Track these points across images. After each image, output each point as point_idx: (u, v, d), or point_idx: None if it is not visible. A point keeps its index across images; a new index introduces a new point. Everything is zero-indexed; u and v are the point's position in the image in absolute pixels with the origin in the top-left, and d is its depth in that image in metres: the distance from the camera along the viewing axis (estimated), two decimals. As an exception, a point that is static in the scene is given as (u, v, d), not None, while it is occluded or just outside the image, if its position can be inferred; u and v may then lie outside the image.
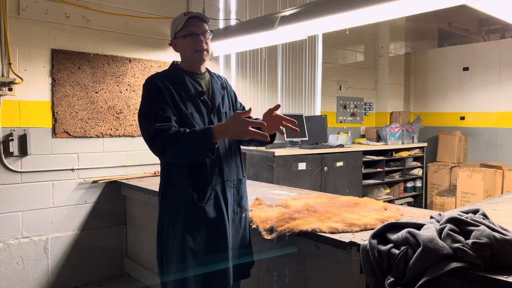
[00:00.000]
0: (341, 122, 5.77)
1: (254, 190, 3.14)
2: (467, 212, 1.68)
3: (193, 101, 1.95)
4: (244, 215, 2.07)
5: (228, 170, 1.99)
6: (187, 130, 1.79)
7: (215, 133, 1.76)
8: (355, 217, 2.14)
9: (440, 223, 1.62)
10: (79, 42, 3.49)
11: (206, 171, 1.91)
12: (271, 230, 2.08)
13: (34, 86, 3.29)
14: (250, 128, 1.74)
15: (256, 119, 1.88)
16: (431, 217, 1.81)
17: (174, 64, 2.08)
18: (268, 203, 2.50)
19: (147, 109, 1.89)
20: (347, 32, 2.97)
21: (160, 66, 3.94)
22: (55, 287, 3.43)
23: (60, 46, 3.40)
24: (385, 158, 5.41)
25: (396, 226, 1.69)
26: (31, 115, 3.28)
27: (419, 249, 1.49)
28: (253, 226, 2.16)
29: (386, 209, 2.38)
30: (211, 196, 1.91)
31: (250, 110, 1.81)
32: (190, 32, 1.95)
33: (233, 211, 2.00)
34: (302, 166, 4.35)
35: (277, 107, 1.98)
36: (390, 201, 5.55)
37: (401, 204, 5.70)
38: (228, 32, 3.52)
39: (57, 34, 3.38)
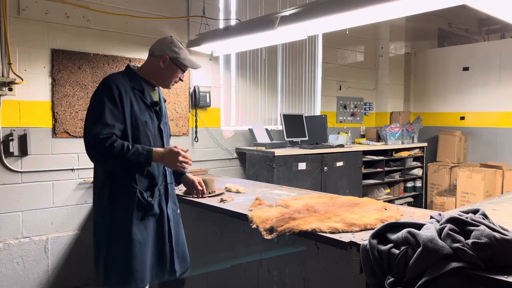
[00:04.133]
0: (341, 122, 5.77)
1: (254, 190, 3.14)
2: (467, 212, 1.68)
3: (149, 110, 2.16)
4: (178, 211, 2.35)
5: (169, 174, 2.30)
6: (129, 146, 2.00)
7: (153, 156, 2.04)
8: (355, 217, 2.14)
9: (440, 223, 1.63)
10: (79, 42, 3.49)
11: (154, 173, 2.16)
12: (271, 230, 2.08)
13: (34, 86, 3.29)
14: (178, 165, 2.09)
15: (187, 150, 2.17)
16: (431, 217, 1.81)
17: (131, 69, 2.22)
18: (268, 203, 2.50)
19: (98, 114, 2.00)
20: (347, 33, 2.96)
21: (160, 66, 3.93)
22: (55, 287, 3.44)
23: (60, 46, 3.40)
24: (385, 158, 5.41)
25: (396, 226, 1.69)
26: (31, 115, 3.28)
27: (419, 249, 1.49)
28: (252, 226, 2.16)
29: (386, 209, 2.38)
30: (157, 195, 2.17)
31: (187, 150, 2.16)
32: (183, 70, 2.24)
33: (172, 209, 2.27)
34: (302, 166, 4.35)
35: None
36: (390, 201, 5.55)
37: (401, 204, 5.71)
38: (228, 32, 3.52)
39: (57, 34, 3.38)
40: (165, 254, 2.20)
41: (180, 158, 2.07)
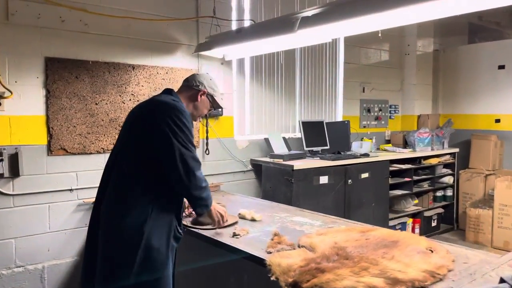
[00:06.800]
0: (364, 127, 5.33)
1: (272, 216, 2.75)
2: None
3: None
4: None
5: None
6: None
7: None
8: (398, 268, 1.74)
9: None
10: (76, 49, 3.15)
11: (182, 205, 2.14)
12: (294, 286, 1.69)
13: (26, 99, 2.96)
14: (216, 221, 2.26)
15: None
16: (503, 280, 1.40)
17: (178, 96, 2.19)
18: (289, 242, 2.11)
19: (189, 141, 1.99)
20: (380, 35, 2.54)
21: (167, 73, 3.57)
22: (53, 319, 3.13)
23: (55, 54, 3.06)
24: (413, 166, 4.96)
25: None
26: (23, 132, 2.96)
27: None
28: (271, 278, 1.78)
29: (432, 251, 1.98)
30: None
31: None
32: (215, 108, 2.36)
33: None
34: (324, 179, 3.95)
35: None
36: (419, 213, 5.12)
37: (431, 216, 5.25)
38: (241, 35, 3.12)
39: (51, 40, 3.04)
40: None
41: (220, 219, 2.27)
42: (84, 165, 3.21)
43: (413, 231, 5.06)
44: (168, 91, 2.18)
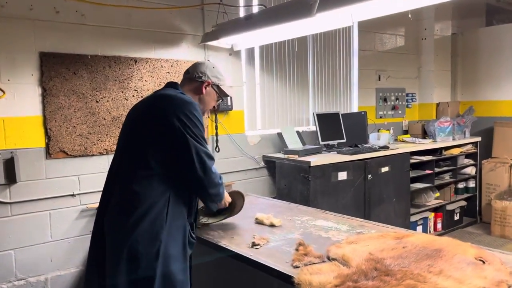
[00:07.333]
0: (381, 117, 5.05)
1: (292, 220, 2.50)
2: None
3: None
4: None
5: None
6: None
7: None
8: (450, 286, 1.49)
9: None
10: (73, 42, 2.89)
11: (195, 207, 1.98)
12: (330, 311, 1.45)
13: (20, 99, 2.72)
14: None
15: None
16: None
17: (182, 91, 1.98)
18: (317, 254, 1.86)
19: (202, 136, 1.84)
20: (409, 15, 2.27)
21: (171, 66, 3.31)
22: (59, 333, 2.92)
23: (50, 49, 2.81)
24: (434, 157, 4.69)
25: None
26: (19, 134, 2.72)
27: None
28: (302, 300, 1.54)
29: (483, 261, 1.72)
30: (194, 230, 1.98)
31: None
32: (223, 99, 2.12)
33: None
34: (342, 175, 3.69)
35: None
36: (441, 206, 4.85)
37: (453, 210, 4.99)
38: (252, 21, 2.85)
39: (46, 34, 2.79)
40: None
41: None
42: (86, 168, 2.98)
43: (435, 226, 4.81)
44: (172, 85, 1.98)
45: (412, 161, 4.43)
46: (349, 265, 1.70)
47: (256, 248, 2.03)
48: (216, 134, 3.59)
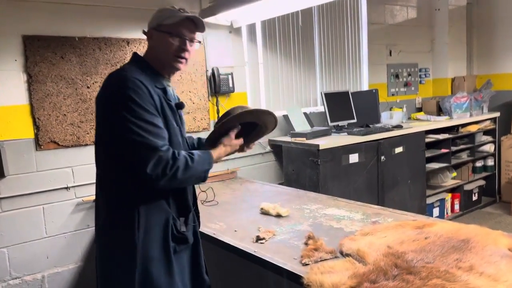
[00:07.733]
0: (393, 95, 4.79)
1: (301, 209, 2.30)
2: None
3: (174, 114, 1.60)
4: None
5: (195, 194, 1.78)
6: (191, 154, 1.54)
7: (214, 158, 1.64)
8: (484, 285, 1.28)
9: None
10: (59, 24, 2.68)
11: (188, 195, 1.66)
12: (345, 318, 1.25)
13: (4, 87, 2.53)
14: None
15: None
16: None
17: (143, 60, 1.60)
18: (329, 248, 1.66)
19: (140, 124, 1.43)
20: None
21: (167, 46, 3.08)
22: (60, 332, 2.80)
23: (34, 31, 2.60)
24: (450, 136, 4.43)
25: None
26: (5, 125, 2.54)
27: None
28: (312, 304, 1.34)
29: (518, 253, 1.51)
30: (192, 221, 1.68)
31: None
32: (178, 34, 1.56)
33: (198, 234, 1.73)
34: (354, 158, 3.47)
35: None
36: (459, 187, 4.62)
37: (471, 190, 4.75)
38: (250, -7, 2.60)
39: (29, 15, 2.57)
40: None
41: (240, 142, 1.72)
42: (79, 158, 2.80)
43: (452, 207, 4.58)
44: (132, 57, 1.64)
45: (427, 140, 4.18)
46: (365, 262, 1.50)
47: (261, 243, 1.84)
48: (218, 118, 3.38)
